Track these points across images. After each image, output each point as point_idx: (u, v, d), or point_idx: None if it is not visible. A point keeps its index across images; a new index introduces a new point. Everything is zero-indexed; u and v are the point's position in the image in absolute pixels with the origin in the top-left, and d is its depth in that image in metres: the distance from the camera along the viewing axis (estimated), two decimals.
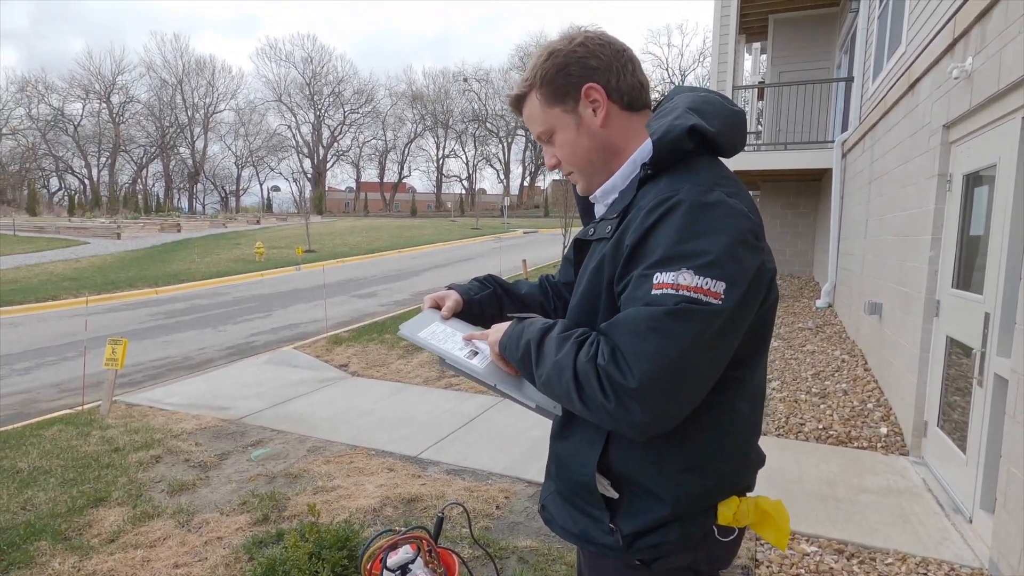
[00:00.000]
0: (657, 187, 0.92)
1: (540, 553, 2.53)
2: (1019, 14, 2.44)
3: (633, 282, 0.85)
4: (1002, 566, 2.31)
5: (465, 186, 63.44)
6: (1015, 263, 2.46)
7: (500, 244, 21.77)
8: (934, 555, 2.50)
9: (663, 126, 0.94)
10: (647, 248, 0.85)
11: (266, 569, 1.77)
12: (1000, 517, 2.36)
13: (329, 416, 4.39)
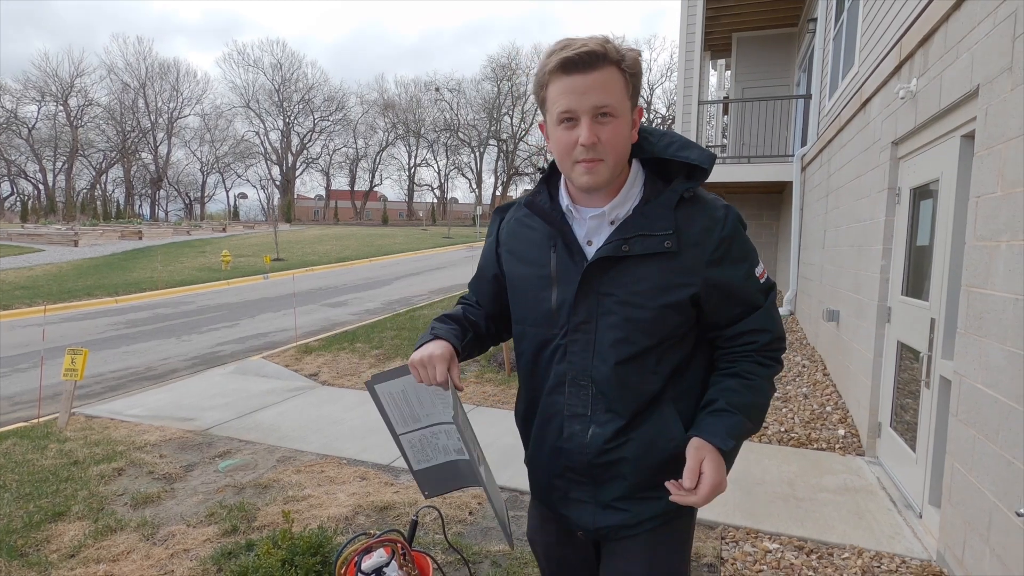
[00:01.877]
0: (703, 204, 1.11)
1: (513, 557, 2.56)
2: (957, 39, 2.62)
3: (743, 282, 1.12)
4: (948, 557, 2.44)
5: (437, 195, 63.35)
6: (956, 271, 2.63)
7: (472, 253, 21.79)
8: (887, 549, 2.62)
9: (703, 155, 1.09)
10: (739, 252, 1.12)
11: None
12: (946, 511, 2.50)
13: (299, 425, 4.34)
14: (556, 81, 1.01)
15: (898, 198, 3.60)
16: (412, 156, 61.75)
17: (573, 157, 1.04)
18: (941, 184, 2.88)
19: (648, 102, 53.22)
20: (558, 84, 1.01)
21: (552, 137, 1.07)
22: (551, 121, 1.06)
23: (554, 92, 1.02)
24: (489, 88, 58.22)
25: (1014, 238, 2.02)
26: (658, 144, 1.11)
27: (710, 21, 9.59)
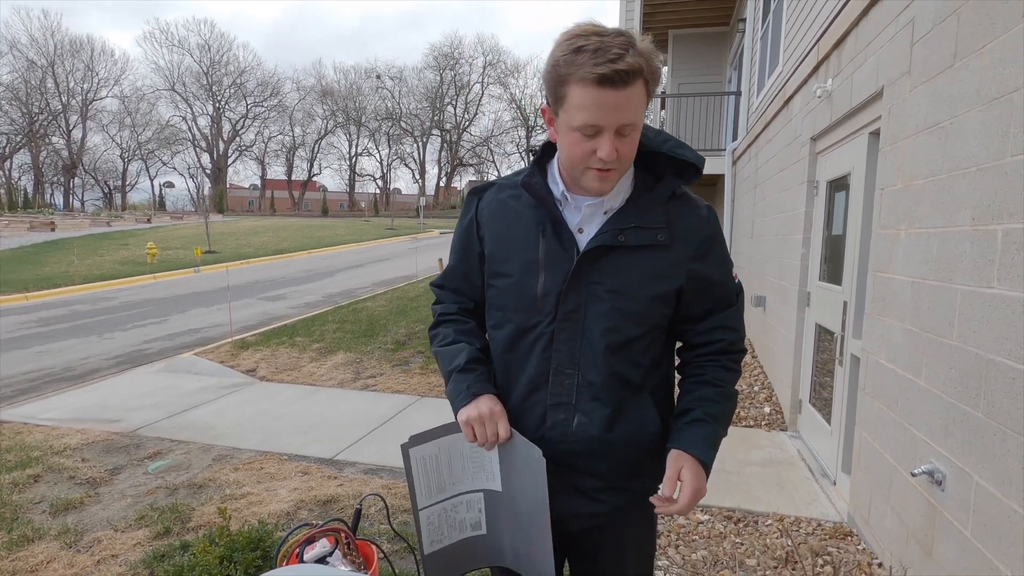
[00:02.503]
0: (691, 202, 1.15)
1: None
2: (866, 43, 2.84)
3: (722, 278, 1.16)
4: (857, 518, 2.68)
5: (379, 185, 61.97)
6: (865, 258, 2.86)
7: (416, 244, 21.53)
8: (805, 514, 2.85)
9: (697, 156, 1.12)
10: (721, 251, 1.16)
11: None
12: (855, 477, 2.74)
13: (236, 423, 4.19)
14: (583, 89, 0.93)
15: (816, 190, 3.86)
16: (353, 145, 60.11)
17: (587, 164, 1.00)
18: (852, 178, 3.12)
19: None
20: (586, 94, 0.93)
21: (566, 139, 1.01)
22: (566, 123, 0.99)
23: (578, 99, 0.94)
24: (432, 77, 57.41)
25: (911, 227, 2.22)
26: (655, 140, 1.12)
27: (647, 17, 9.84)
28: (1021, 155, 1.57)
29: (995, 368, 1.64)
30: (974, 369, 1.74)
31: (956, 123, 1.92)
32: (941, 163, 2.01)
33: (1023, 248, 1.54)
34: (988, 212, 1.71)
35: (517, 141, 57.75)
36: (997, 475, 1.61)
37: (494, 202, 1.17)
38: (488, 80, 57.72)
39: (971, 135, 1.83)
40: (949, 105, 1.97)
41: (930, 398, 2.01)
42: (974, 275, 1.77)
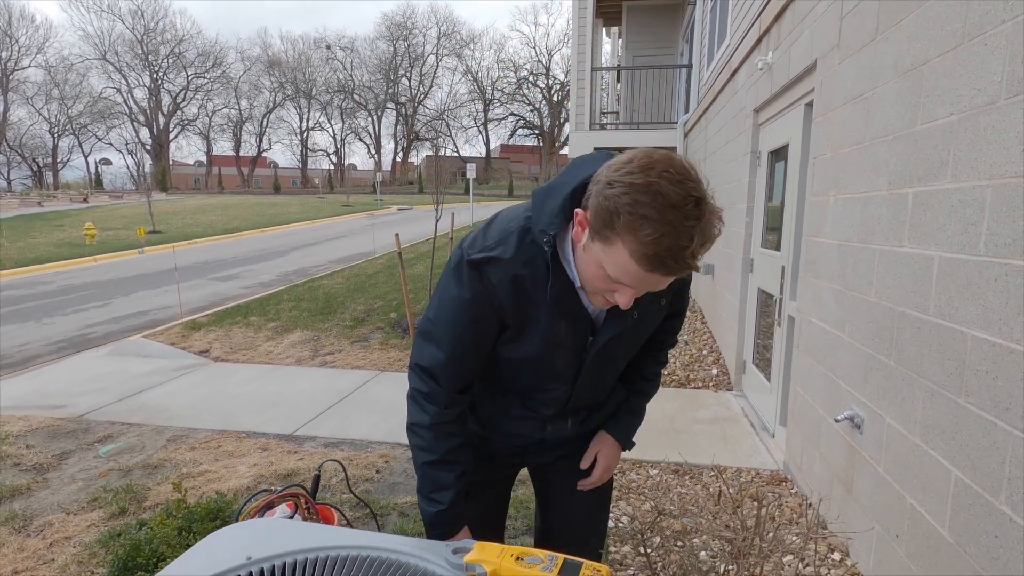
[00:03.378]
0: None
1: (418, 507, 2.68)
2: (802, 17, 2.95)
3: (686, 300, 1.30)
4: (791, 466, 2.90)
5: (333, 161, 60.16)
6: (800, 224, 3.03)
7: (373, 221, 21.16)
8: (746, 464, 3.05)
9: None
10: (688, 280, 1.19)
11: (129, 551, 1.70)
12: (790, 428, 2.95)
13: (190, 404, 4.12)
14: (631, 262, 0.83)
15: (759, 161, 4.02)
16: (304, 119, 57.96)
17: (599, 292, 0.96)
18: (790, 148, 3.27)
19: (547, 68, 53.57)
20: (631, 266, 0.84)
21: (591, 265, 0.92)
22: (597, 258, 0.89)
23: (621, 259, 0.84)
24: (384, 48, 55.65)
25: (839, 193, 2.37)
26: None
27: None
28: (930, 123, 1.70)
29: (904, 319, 1.80)
30: (888, 321, 1.91)
31: (877, 94, 2.05)
32: (864, 132, 2.15)
33: (929, 209, 1.69)
34: (902, 177, 1.86)
35: (474, 114, 56.98)
36: (904, 415, 1.79)
37: (506, 281, 1.01)
38: (443, 51, 56.41)
39: (889, 105, 1.96)
40: (871, 77, 2.10)
41: (852, 351, 2.18)
42: (889, 236, 1.92)
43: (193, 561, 0.90)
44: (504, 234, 1.00)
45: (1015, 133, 1.33)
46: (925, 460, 1.66)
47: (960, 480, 1.50)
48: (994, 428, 1.37)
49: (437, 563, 0.88)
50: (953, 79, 1.58)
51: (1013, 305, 1.32)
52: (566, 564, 0.83)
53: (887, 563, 1.89)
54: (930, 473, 1.64)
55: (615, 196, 0.82)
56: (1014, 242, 1.32)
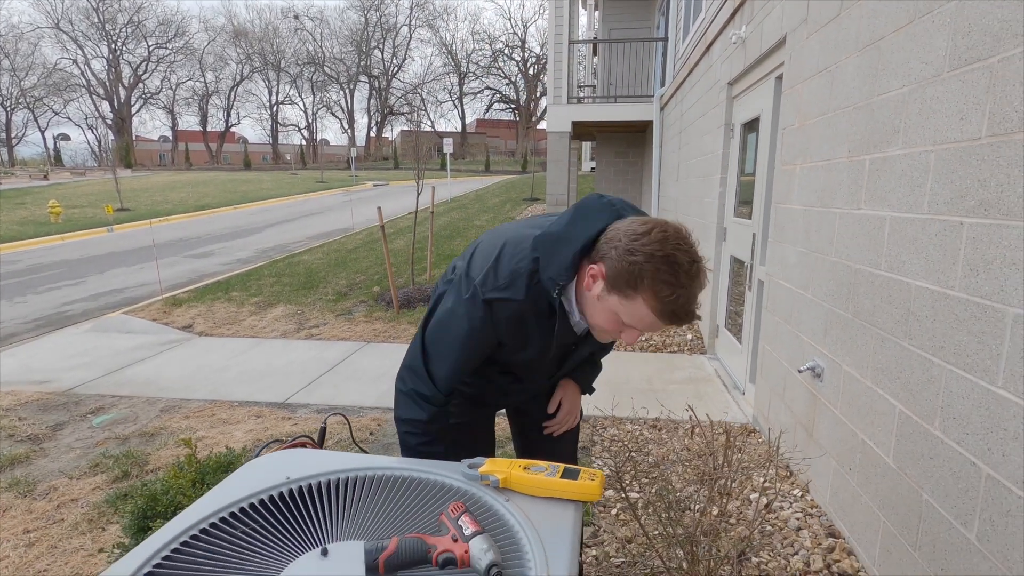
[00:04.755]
0: None
1: None
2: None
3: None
4: (759, 418, 3.12)
5: (305, 136, 58.73)
6: (770, 192, 3.20)
7: (350, 197, 20.91)
8: (718, 419, 3.27)
9: None
10: None
11: (147, 501, 1.81)
12: (759, 384, 3.16)
13: (180, 376, 4.18)
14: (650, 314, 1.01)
15: (732, 133, 4.17)
16: (273, 93, 56.22)
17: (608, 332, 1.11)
18: (761, 119, 3.43)
19: (522, 40, 52.76)
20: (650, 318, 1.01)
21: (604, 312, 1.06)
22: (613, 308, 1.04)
23: (640, 314, 1.01)
24: (355, 18, 54.13)
25: (805, 161, 2.54)
26: None
27: None
28: (885, 94, 1.86)
29: (860, 275, 1.98)
30: (846, 278, 2.09)
31: (840, 67, 2.20)
32: (828, 103, 2.30)
33: (883, 173, 1.86)
34: (860, 145, 2.02)
35: (449, 88, 56.02)
36: (858, 361, 1.98)
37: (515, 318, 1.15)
38: (416, 22, 55.06)
39: (850, 78, 2.11)
40: (835, 51, 2.25)
41: (814, 307, 2.37)
42: (848, 199, 2.09)
43: (236, 483, 1.03)
44: (514, 276, 1.11)
45: (955, 103, 1.49)
46: (875, 399, 1.86)
47: (903, 413, 1.70)
48: (931, 364, 1.56)
49: (455, 477, 1.02)
50: (905, 53, 1.73)
51: (949, 255, 1.49)
52: (567, 470, 0.97)
53: (841, 494, 2.11)
54: (878, 409, 1.84)
55: (639, 263, 0.98)
56: (951, 200, 1.49)
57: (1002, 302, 1.29)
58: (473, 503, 0.93)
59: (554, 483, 0.94)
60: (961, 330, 1.43)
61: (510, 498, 0.95)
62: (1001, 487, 1.28)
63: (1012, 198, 1.27)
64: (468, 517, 0.83)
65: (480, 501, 0.94)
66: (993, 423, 1.31)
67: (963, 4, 1.47)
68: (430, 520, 0.91)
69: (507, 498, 0.95)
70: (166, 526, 0.89)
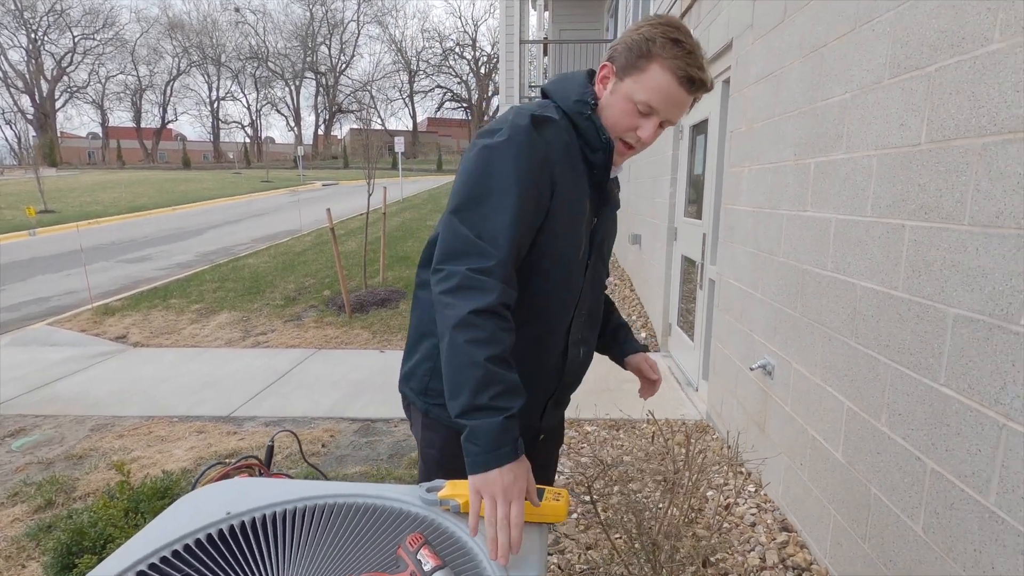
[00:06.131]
0: None
1: (369, 475, 2.74)
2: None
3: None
4: (712, 414, 3.19)
5: (249, 134, 56.55)
6: (719, 193, 3.27)
7: (298, 197, 20.26)
8: (672, 416, 3.32)
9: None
10: None
11: (72, 536, 1.65)
12: (712, 381, 3.23)
13: (113, 391, 3.90)
14: (666, 76, 1.00)
15: (681, 134, 4.25)
16: (213, 88, 53.85)
17: (622, 136, 1.07)
18: (710, 122, 3.50)
19: (473, 39, 52.59)
20: (664, 80, 1.00)
21: (619, 105, 1.05)
22: (628, 92, 1.03)
23: (655, 81, 1.00)
24: (300, 13, 52.58)
25: (753, 164, 2.60)
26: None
27: None
28: (828, 100, 1.91)
29: (808, 276, 2.04)
30: (794, 278, 2.15)
31: (785, 72, 2.26)
32: (774, 108, 2.36)
33: (827, 177, 1.91)
34: (805, 149, 2.07)
35: (400, 86, 55.21)
36: (807, 359, 2.04)
37: (562, 145, 1.04)
38: (364, 18, 53.95)
39: (795, 83, 2.17)
40: (779, 57, 2.30)
41: (764, 306, 2.43)
42: (795, 201, 2.14)
43: (172, 519, 0.93)
44: (538, 106, 1.07)
45: (896, 110, 1.54)
46: (824, 396, 1.92)
47: (851, 409, 1.75)
48: (877, 362, 1.61)
49: (412, 503, 0.96)
50: (847, 61, 1.79)
51: (892, 257, 1.54)
52: None
53: (793, 488, 2.17)
54: (827, 406, 1.89)
55: (648, 30, 1.01)
56: (893, 204, 1.54)
57: (943, 303, 1.34)
58: (433, 532, 0.88)
59: None
60: (905, 329, 1.48)
61: None
62: (945, 481, 1.33)
63: (951, 203, 1.32)
64: (428, 550, 0.78)
65: (440, 529, 0.89)
66: (936, 419, 1.36)
67: (902, 14, 1.52)
68: (387, 554, 0.85)
69: None
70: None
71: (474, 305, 0.89)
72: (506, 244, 0.94)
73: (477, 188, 0.97)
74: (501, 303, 0.91)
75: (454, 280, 0.92)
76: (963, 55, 1.29)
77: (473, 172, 0.98)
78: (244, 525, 0.92)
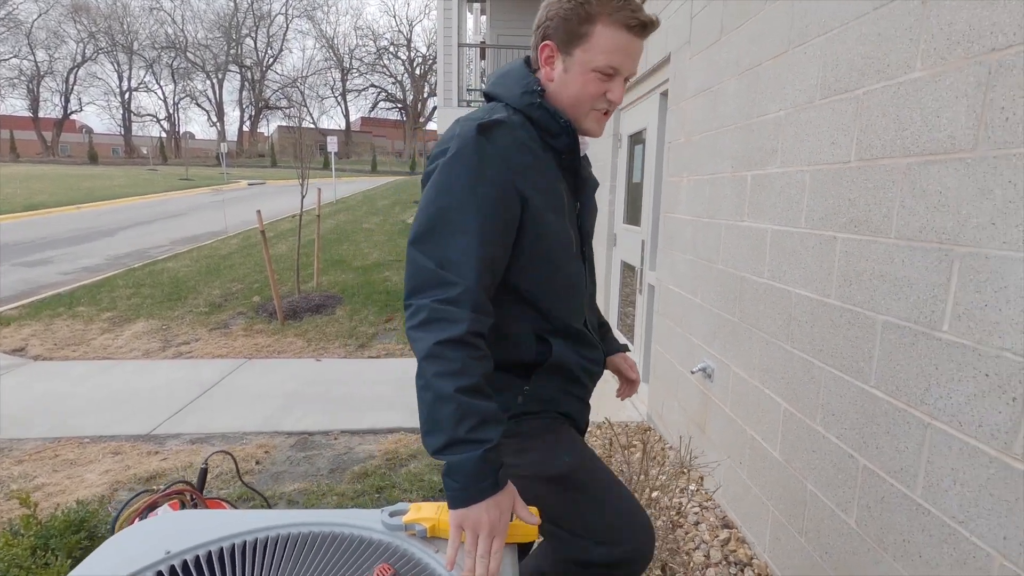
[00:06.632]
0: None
1: (309, 492, 2.61)
2: (658, 11, 3.24)
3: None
4: (654, 416, 3.29)
5: (165, 128, 52.94)
6: (658, 202, 3.38)
7: (222, 197, 19.17)
8: (615, 419, 3.39)
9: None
10: None
11: None
12: (653, 384, 3.33)
13: (10, 411, 3.51)
14: (615, 32, 0.98)
15: (620, 143, 4.37)
16: (125, 78, 50.00)
17: (594, 106, 1.03)
18: (647, 132, 3.61)
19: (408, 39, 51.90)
20: (615, 37, 0.98)
21: (579, 79, 1.01)
22: (584, 62, 1.00)
23: (607, 41, 0.98)
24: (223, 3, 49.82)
25: (691, 175, 2.70)
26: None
27: None
28: (763, 116, 2.02)
29: (745, 283, 2.14)
30: (732, 284, 2.24)
31: (722, 88, 2.36)
32: (712, 121, 2.47)
33: (763, 189, 2.01)
34: (742, 162, 2.18)
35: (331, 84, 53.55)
36: (745, 362, 2.14)
37: (517, 146, 0.99)
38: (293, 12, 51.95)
39: (731, 99, 2.27)
40: (717, 73, 2.41)
41: (704, 311, 2.53)
42: (732, 212, 2.25)
43: (103, 561, 0.84)
44: (486, 110, 1.03)
45: (827, 129, 1.65)
46: (761, 398, 2.01)
47: (787, 410, 1.85)
48: (812, 366, 1.71)
49: (374, 529, 0.92)
50: (781, 80, 1.89)
51: (825, 267, 1.64)
52: None
53: (733, 486, 2.26)
54: (765, 407, 1.99)
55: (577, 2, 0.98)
56: (825, 216, 1.65)
57: (872, 310, 1.44)
58: (400, 561, 0.84)
59: None
60: (837, 335, 1.58)
61: (440, 548, 0.87)
62: (876, 476, 1.43)
63: (878, 217, 1.42)
64: None
65: (407, 556, 0.85)
66: (867, 419, 1.46)
67: (832, 39, 1.62)
68: None
69: (436, 549, 0.86)
70: None
71: (440, 336, 0.87)
72: (471, 269, 0.91)
73: (433, 214, 0.93)
74: (471, 332, 0.88)
75: (422, 315, 0.89)
76: (889, 80, 1.39)
77: (427, 197, 0.95)
78: (188, 566, 0.84)
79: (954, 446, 1.19)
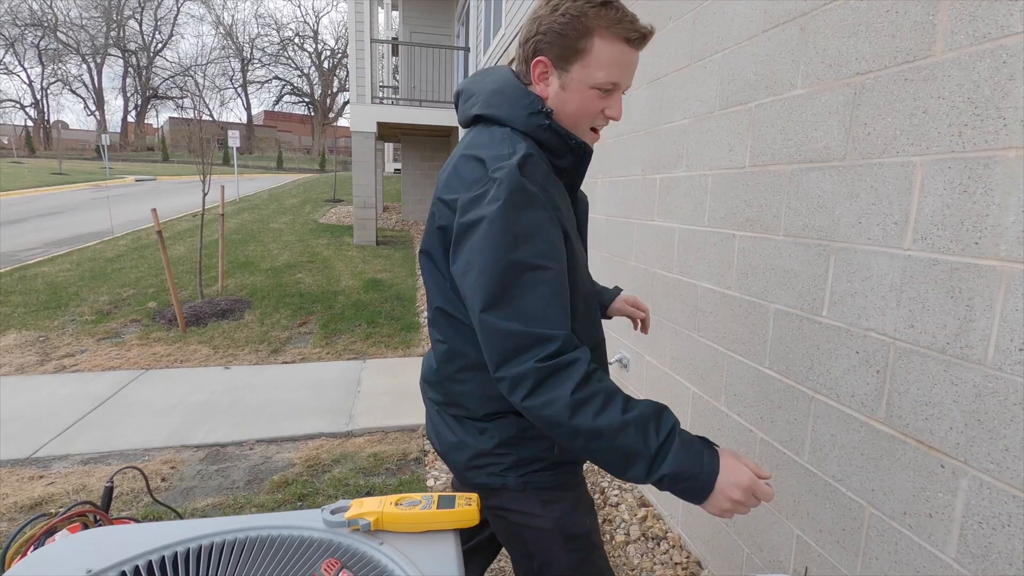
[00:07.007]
0: None
1: (225, 506, 2.48)
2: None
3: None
4: None
5: (32, 116, 47.07)
6: None
7: (105, 194, 17.39)
8: None
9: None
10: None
11: None
12: None
13: None
14: (614, 46, 0.94)
15: None
16: None
17: (592, 123, 1.00)
18: None
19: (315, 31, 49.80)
20: (615, 51, 0.94)
21: (578, 95, 0.97)
22: (583, 78, 0.95)
23: (607, 55, 0.94)
24: None
25: (607, 177, 2.85)
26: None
27: None
28: (670, 124, 2.18)
29: (656, 278, 2.30)
30: (644, 280, 2.41)
31: (633, 96, 2.52)
32: (624, 127, 2.62)
33: (671, 191, 2.18)
34: (651, 165, 2.34)
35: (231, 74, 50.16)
36: (658, 352, 2.30)
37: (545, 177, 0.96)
38: None
39: (641, 106, 2.43)
40: None
41: None
42: (643, 212, 2.41)
43: None
44: (504, 142, 0.95)
45: (725, 137, 1.82)
46: (673, 384, 2.18)
47: (696, 394, 2.02)
48: (716, 352, 1.88)
49: (316, 528, 0.91)
50: (685, 91, 2.06)
51: (725, 261, 1.82)
52: (442, 499, 0.94)
53: None
54: (676, 392, 2.16)
55: (569, 6, 0.93)
56: (725, 216, 1.82)
57: (766, 300, 1.62)
58: (346, 555, 0.85)
59: (432, 515, 0.90)
60: (737, 323, 1.75)
61: (384, 540, 0.88)
62: (771, 447, 1.61)
63: (769, 217, 1.60)
64: (347, 573, 0.75)
65: (352, 551, 0.86)
66: (763, 396, 1.64)
67: (727, 56, 1.80)
68: None
69: (381, 541, 0.88)
70: None
71: (570, 387, 0.83)
72: (558, 315, 0.87)
73: (501, 272, 0.86)
74: (586, 362, 0.85)
75: (528, 381, 0.84)
76: (776, 96, 1.57)
77: (485, 256, 0.87)
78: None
79: (833, 415, 1.37)
